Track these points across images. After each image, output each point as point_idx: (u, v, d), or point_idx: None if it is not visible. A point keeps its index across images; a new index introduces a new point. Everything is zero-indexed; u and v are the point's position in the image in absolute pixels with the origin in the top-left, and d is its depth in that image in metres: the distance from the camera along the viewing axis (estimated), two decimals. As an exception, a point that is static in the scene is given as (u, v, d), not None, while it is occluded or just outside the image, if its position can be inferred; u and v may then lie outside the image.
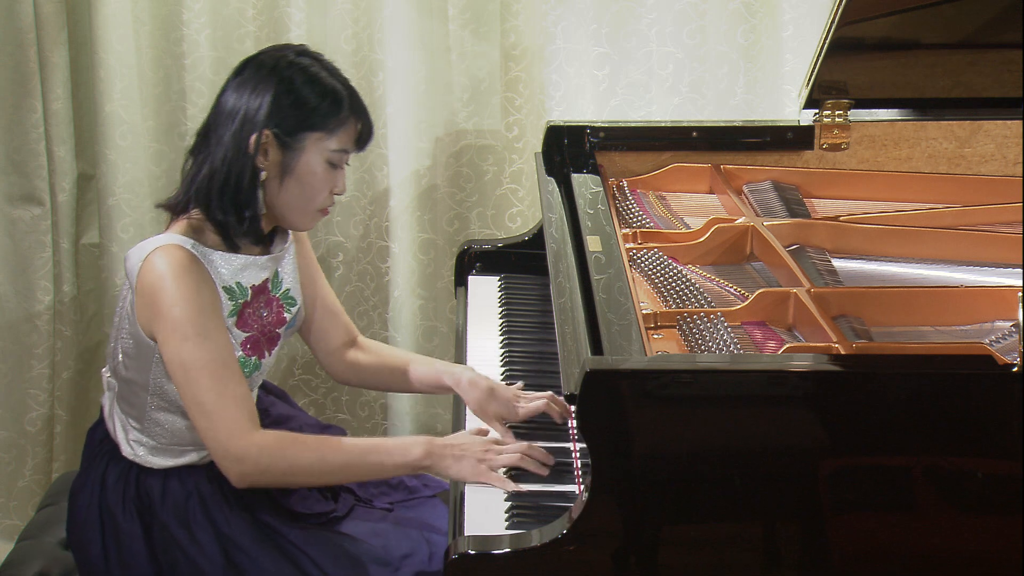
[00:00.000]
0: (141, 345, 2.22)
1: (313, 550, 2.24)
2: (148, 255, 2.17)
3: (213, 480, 2.27)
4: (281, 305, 2.33)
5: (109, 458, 2.32)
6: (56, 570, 2.40)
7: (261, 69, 2.19)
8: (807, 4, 3.17)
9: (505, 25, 3.19)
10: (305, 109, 2.18)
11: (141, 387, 2.26)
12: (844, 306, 2.20)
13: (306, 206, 2.24)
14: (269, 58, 2.21)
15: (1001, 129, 2.87)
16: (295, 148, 2.19)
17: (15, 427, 3.48)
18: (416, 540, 2.31)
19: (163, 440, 2.28)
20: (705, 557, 1.86)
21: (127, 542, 2.27)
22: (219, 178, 2.18)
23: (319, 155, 2.20)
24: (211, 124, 2.23)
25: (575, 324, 2.10)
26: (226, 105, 2.20)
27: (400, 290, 3.32)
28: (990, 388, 1.82)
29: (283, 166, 2.19)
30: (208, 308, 2.17)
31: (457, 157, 3.30)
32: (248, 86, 2.18)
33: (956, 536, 1.85)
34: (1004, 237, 2.51)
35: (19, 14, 3.25)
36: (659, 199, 2.81)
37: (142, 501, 2.27)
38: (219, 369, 2.15)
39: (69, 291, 3.42)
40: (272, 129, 2.17)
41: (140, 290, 2.18)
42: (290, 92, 2.18)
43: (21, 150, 3.34)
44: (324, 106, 2.19)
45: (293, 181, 2.20)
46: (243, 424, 2.15)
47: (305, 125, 2.18)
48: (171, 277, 2.14)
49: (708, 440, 1.83)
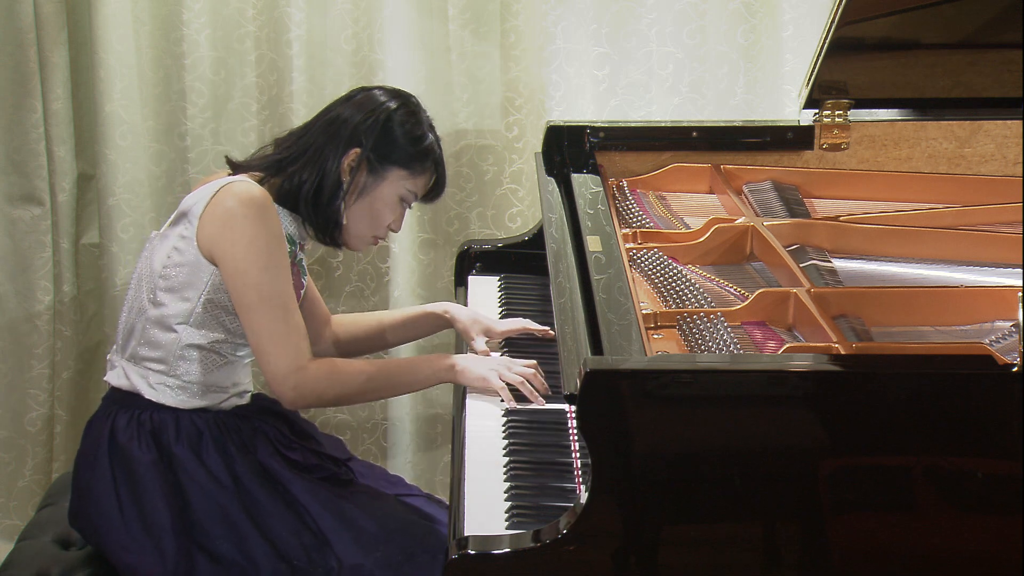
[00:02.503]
0: (196, 270, 2.32)
1: (313, 505, 2.34)
2: (227, 185, 2.31)
3: (221, 424, 2.37)
4: (299, 271, 2.46)
5: (118, 408, 2.38)
6: (56, 570, 2.39)
7: (376, 99, 2.41)
8: (807, 4, 3.17)
9: (505, 25, 3.19)
10: (402, 147, 2.39)
11: (181, 317, 2.34)
12: (844, 306, 2.20)
13: (366, 230, 2.44)
14: (384, 93, 2.43)
15: (1001, 129, 2.87)
16: (380, 176, 2.40)
17: (15, 427, 3.48)
18: (412, 520, 2.39)
19: (187, 379, 2.36)
20: (705, 557, 1.86)
21: (141, 475, 2.32)
22: (310, 187, 2.37)
23: (396, 190, 2.42)
24: (307, 130, 2.42)
25: (575, 324, 2.10)
26: (337, 116, 2.40)
27: (400, 290, 3.32)
28: (990, 388, 1.82)
29: (363, 187, 2.40)
30: (283, 243, 2.33)
31: (457, 157, 3.30)
32: (363, 109, 2.39)
33: (956, 536, 1.85)
34: (1004, 237, 2.51)
35: (19, 14, 3.25)
36: (659, 199, 2.81)
37: (156, 435, 2.35)
38: (288, 300, 2.31)
39: (69, 291, 3.42)
40: (369, 153, 2.37)
41: (213, 212, 2.30)
42: (396, 128, 2.39)
43: (21, 150, 3.34)
44: (418, 151, 2.41)
45: (365, 203, 2.41)
46: (304, 353, 2.32)
47: (397, 160, 2.40)
48: (256, 207, 2.29)
49: (708, 440, 1.83)
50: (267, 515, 2.33)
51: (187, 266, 2.33)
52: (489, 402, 2.37)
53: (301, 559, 2.31)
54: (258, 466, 2.36)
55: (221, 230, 2.29)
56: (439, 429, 3.43)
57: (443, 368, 2.41)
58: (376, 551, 2.31)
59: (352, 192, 2.39)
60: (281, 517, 2.33)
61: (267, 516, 2.33)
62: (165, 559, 2.30)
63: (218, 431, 2.36)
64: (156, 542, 2.30)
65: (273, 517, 2.33)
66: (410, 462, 3.43)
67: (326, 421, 3.47)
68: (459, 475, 2.16)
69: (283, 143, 2.43)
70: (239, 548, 2.31)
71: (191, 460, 2.33)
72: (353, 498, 2.39)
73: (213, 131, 3.31)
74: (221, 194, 2.30)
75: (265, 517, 2.33)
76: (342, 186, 2.37)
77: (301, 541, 2.32)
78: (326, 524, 2.32)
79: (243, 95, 3.32)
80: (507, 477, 2.12)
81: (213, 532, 2.32)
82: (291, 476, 2.36)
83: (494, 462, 2.18)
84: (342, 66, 3.27)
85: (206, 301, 2.33)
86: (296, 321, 2.32)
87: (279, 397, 2.33)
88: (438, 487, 3.40)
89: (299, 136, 2.42)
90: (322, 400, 2.38)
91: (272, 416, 2.46)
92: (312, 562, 2.31)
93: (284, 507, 2.34)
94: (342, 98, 2.45)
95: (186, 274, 2.33)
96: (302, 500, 2.34)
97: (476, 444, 2.24)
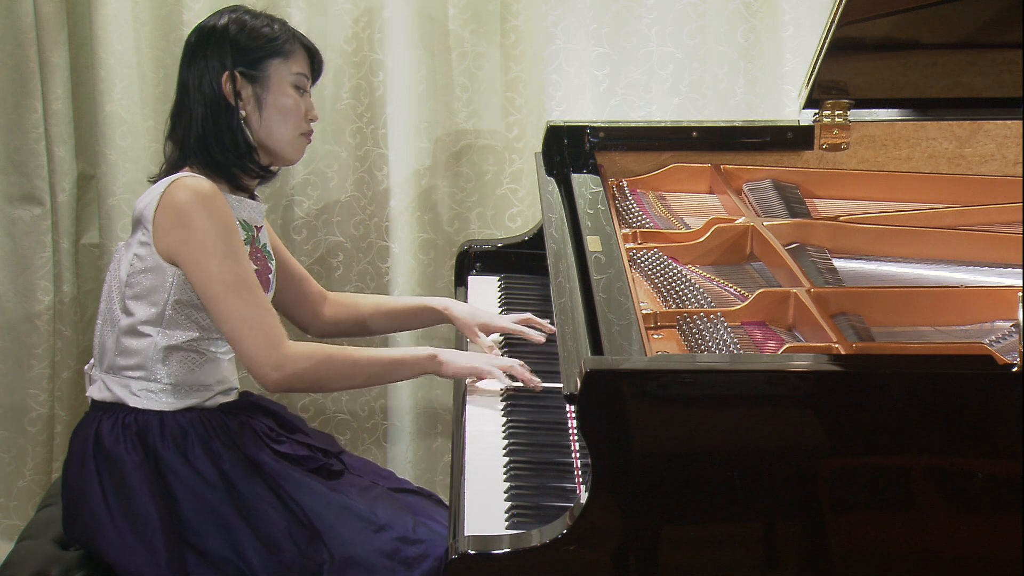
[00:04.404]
0: (158, 274, 2.33)
1: (303, 497, 2.34)
2: (171, 184, 2.31)
3: (207, 421, 2.37)
4: (264, 255, 2.47)
5: (103, 413, 2.38)
6: (56, 570, 2.39)
7: (203, 32, 2.41)
8: (807, 4, 3.17)
9: (505, 25, 3.19)
10: (259, 40, 2.39)
11: (152, 322, 2.34)
12: (844, 306, 2.20)
13: (289, 133, 2.42)
14: (205, 24, 2.42)
15: (1001, 129, 2.87)
16: (262, 78, 2.39)
17: (15, 427, 3.48)
18: (402, 513, 2.38)
19: (169, 381, 2.37)
20: (705, 557, 1.86)
21: (128, 476, 2.32)
22: (209, 129, 2.36)
23: (285, 81, 2.41)
24: (180, 100, 2.41)
25: (575, 324, 2.10)
26: (188, 77, 2.40)
27: (400, 290, 3.32)
28: (990, 388, 1.82)
29: (257, 99, 2.40)
30: (235, 229, 2.34)
31: (457, 157, 3.30)
32: (199, 52, 2.39)
33: (956, 536, 1.85)
34: (1004, 237, 2.51)
35: (19, 14, 3.25)
36: (659, 199, 2.81)
37: (141, 436, 2.35)
38: (254, 285, 2.32)
39: (69, 291, 3.43)
40: (238, 68, 2.37)
41: (164, 214, 2.30)
42: (241, 31, 2.39)
43: (21, 150, 3.34)
44: (273, 33, 2.41)
45: (270, 110, 2.40)
46: (280, 333, 2.33)
47: (264, 53, 2.39)
48: (202, 200, 2.30)
49: (708, 440, 1.83)
50: (257, 511, 2.32)
51: (149, 271, 2.33)
52: (489, 403, 2.38)
53: (292, 553, 2.31)
54: (246, 461, 2.36)
55: (175, 228, 2.30)
56: (439, 428, 3.43)
57: (427, 359, 2.42)
58: (367, 543, 2.31)
59: (251, 112, 2.38)
60: (271, 512, 2.33)
61: (257, 512, 2.32)
62: (157, 559, 2.30)
63: (203, 429, 2.36)
64: (147, 543, 2.30)
65: (263, 512, 2.32)
66: (410, 461, 3.43)
67: (326, 421, 3.47)
68: (459, 475, 2.16)
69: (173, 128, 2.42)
70: (230, 545, 2.31)
71: (177, 460, 2.33)
72: (344, 490, 2.39)
73: (213, 131, 3.31)
74: (168, 192, 2.31)
75: (255, 513, 2.32)
76: (232, 109, 2.37)
77: (292, 535, 2.32)
78: (317, 517, 2.32)
79: (243, 95, 3.31)
80: (507, 477, 2.12)
81: (203, 530, 2.32)
82: (280, 468, 2.36)
83: (494, 462, 2.18)
84: (342, 66, 3.27)
85: (174, 302, 2.34)
86: (264, 303, 2.33)
87: (261, 381, 2.33)
88: (438, 487, 3.40)
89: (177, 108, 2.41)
90: (304, 381, 2.36)
91: (259, 411, 2.46)
92: (304, 555, 2.30)
93: (275, 501, 2.34)
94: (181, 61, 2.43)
95: (150, 279, 2.33)
96: (292, 493, 2.34)
97: (476, 444, 2.24)
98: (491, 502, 2.05)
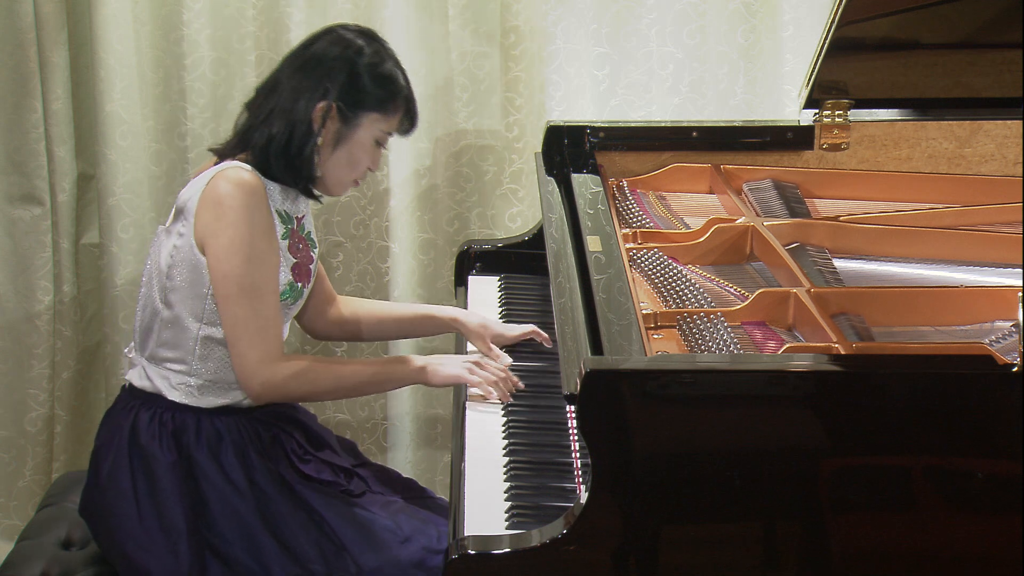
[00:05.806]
0: (197, 266, 2.32)
1: (329, 513, 2.34)
2: (216, 174, 2.31)
3: (242, 428, 2.37)
4: (307, 243, 2.45)
5: (141, 403, 2.39)
6: (56, 570, 2.39)
7: (333, 47, 2.37)
8: (807, 4, 3.17)
9: (505, 25, 3.19)
10: (371, 92, 2.37)
11: (194, 315, 2.35)
12: (844, 306, 2.20)
13: (347, 175, 2.42)
14: (341, 38, 2.38)
15: (1001, 129, 2.87)
16: (353, 124, 2.37)
17: (15, 427, 3.48)
18: (425, 522, 2.39)
19: (208, 376, 2.37)
20: (705, 557, 1.86)
21: (160, 476, 2.32)
22: (280, 140, 2.35)
23: (371, 133, 2.39)
24: (271, 89, 2.39)
25: (575, 324, 2.10)
26: (291, 77, 2.37)
27: (400, 290, 3.32)
28: (990, 388, 1.82)
29: (338, 137, 2.37)
30: (267, 232, 2.33)
31: (457, 157, 3.30)
32: (314, 64, 2.36)
33: (956, 536, 1.85)
34: (1004, 237, 2.51)
35: (19, 14, 3.25)
36: (659, 199, 2.81)
37: (177, 436, 2.35)
38: (266, 294, 2.32)
39: (69, 291, 3.42)
40: (338, 103, 2.35)
41: (205, 203, 2.30)
42: (363, 73, 2.36)
43: (21, 150, 3.34)
44: (386, 92, 2.38)
45: (343, 151, 2.39)
46: (277, 349, 2.33)
47: (368, 106, 2.37)
48: (243, 196, 2.29)
49: (708, 440, 1.83)
50: (284, 522, 2.33)
51: (186, 265, 2.33)
52: (489, 403, 2.38)
53: (319, 565, 2.31)
54: (276, 474, 2.36)
55: (210, 216, 2.29)
56: (439, 429, 3.43)
57: (413, 371, 2.43)
58: (394, 555, 2.31)
59: (326, 144, 2.37)
60: (299, 525, 2.33)
61: (284, 523, 2.33)
62: (179, 561, 2.30)
63: (239, 436, 2.36)
64: (172, 544, 2.30)
65: (291, 524, 2.33)
66: (410, 462, 3.43)
67: (326, 421, 3.47)
68: (459, 475, 2.17)
69: (253, 104, 2.41)
70: (252, 554, 2.31)
71: (210, 464, 2.34)
72: (367, 504, 2.39)
73: (213, 131, 3.31)
74: (212, 183, 2.30)
75: (282, 524, 2.33)
76: (313, 137, 2.35)
77: (320, 547, 2.32)
78: (343, 532, 2.33)
79: (243, 95, 3.30)
80: (507, 477, 2.12)
81: (228, 536, 2.32)
82: (305, 487, 2.36)
83: (494, 462, 2.18)
84: (342, 66, 3.26)
85: (214, 295, 2.33)
86: (273, 315, 2.32)
87: (245, 388, 2.34)
88: (438, 487, 3.40)
89: (267, 94, 2.39)
90: (288, 397, 2.40)
91: (290, 423, 2.45)
92: (330, 567, 2.31)
93: (301, 515, 2.34)
94: (304, 43, 2.41)
95: (187, 273, 2.33)
96: (318, 507, 2.34)
97: (476, 444, 2.24)
98: (491, 502, 2.05)
